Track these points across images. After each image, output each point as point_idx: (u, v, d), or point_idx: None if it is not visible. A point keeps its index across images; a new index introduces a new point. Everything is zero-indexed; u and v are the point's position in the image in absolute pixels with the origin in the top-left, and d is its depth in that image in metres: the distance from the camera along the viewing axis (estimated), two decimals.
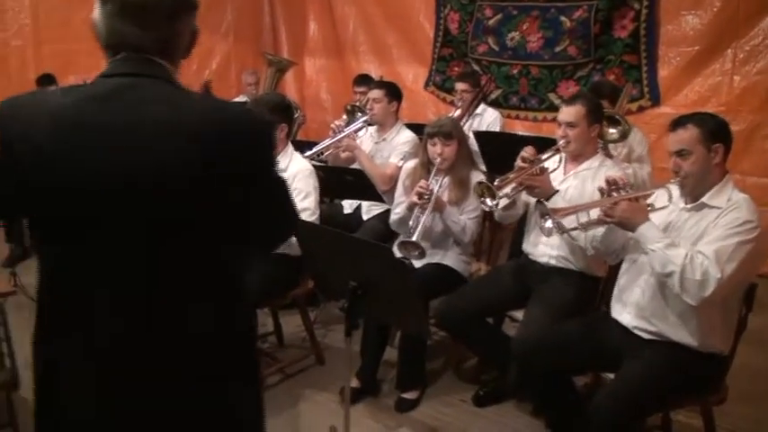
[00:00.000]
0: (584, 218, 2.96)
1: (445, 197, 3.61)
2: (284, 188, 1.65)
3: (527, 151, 3.25)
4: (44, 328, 1.56)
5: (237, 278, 1.60)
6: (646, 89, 5.82)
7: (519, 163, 3.23)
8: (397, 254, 3.46)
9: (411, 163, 3.91)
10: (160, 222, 1.41)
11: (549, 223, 2.97)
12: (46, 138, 1.38)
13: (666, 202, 2.79)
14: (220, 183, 1.42)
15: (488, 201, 3.21)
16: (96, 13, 1.46)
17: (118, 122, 1.38)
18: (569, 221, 2.98)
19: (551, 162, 3.35)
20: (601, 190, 2.85)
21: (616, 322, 2.90)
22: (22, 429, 3.08)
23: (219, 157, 1.40)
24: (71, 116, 1.39)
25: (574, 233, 3.05)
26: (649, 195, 2.89)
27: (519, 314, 3.45)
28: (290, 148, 3.78)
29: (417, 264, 3.61)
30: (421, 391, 3.63)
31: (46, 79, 5.58)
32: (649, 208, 2.78)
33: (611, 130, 4.00)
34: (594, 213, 2.90)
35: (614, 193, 2.80)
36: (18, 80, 6.06)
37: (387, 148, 4.67)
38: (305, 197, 3.61)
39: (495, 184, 3.15)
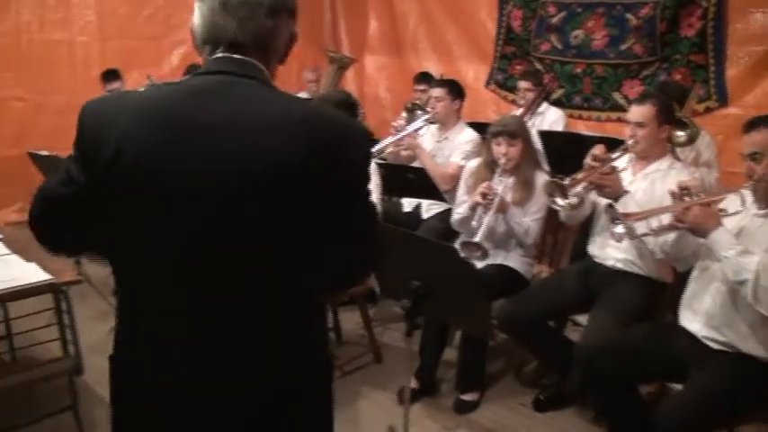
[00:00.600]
0: (654, 222, 2.89)
1: (509, 198, 3.56)
2: (372, 216, 1.55)
3: (598, 149, 3.20)
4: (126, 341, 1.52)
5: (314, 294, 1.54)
6: (713, 89, 5.66)
7: (589, 161, 3.17)
8: (459, 254, 3.42)
9: (474, 162, 3.87)
10: (252, 224, 1.35)
11: (620, 228, 2.92)
12: (144, 136, 1.35)
13: (739, 208, 2.71)
14: (316, 190, 1.35)
15: (559, 200, 3.17)
16: (195, 13, 1.45)
17: (221, 119, 1.34)
18: (640, 226, 2.92)
19: (620, 162, 3.29)
20: (672, 194, 2.78)
21: (684, 330, 2.83)
22: (83, 413, 3.16)
23: (318, 163, 1.33)
24: (170, 112, 1.36)
25: (644, 238, 2.98)
26: (722, 200, 2.81)
27: (582, 318, 3.40)
28: None
29: (479, 264, 3.57)
30: (480, 393, 3.60)
31: (110, 74, 5.68)
32: (722, 213, 2.69)
33: (679, 133, 3.91)
34: (665, 218, 2.83)
35: (686, 198, 2.73)
36: (83, 76, 6.18)
37: (448, 147, 4.64)
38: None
39: (567, 182, 3.11)
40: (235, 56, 1.42)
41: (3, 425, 3.00)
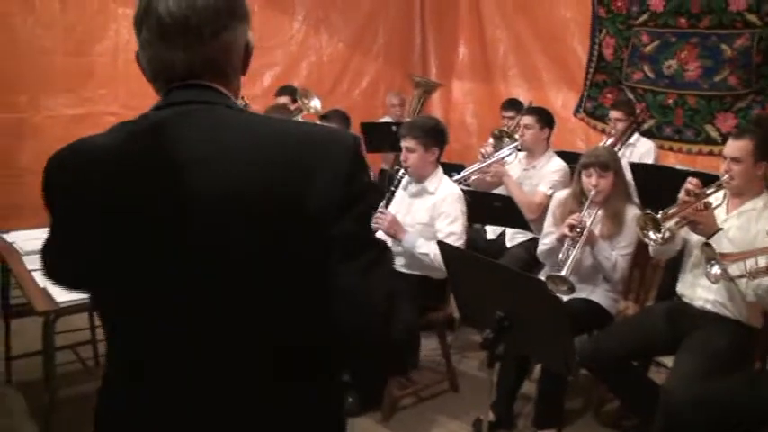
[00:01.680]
0: (750, 264, 2.78)
1: (597, 231, 3.49)
2: (373, 240, 1.32)
3: (692, 183, 3.10)
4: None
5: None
6: None
7: (683, 196, 3.09)
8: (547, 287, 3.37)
9: (562, 193, 3.81)
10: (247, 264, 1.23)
11: (716, 269, 2.82)
12: (99, 184, 1.25)
13: None
14: (305, 219, 1.20)
15: (651, 234, 3.09)
16: (138, 45, 1.32)
17: (190, 153, 1.22)
18: (734, 267, 2.81)
19: (714, 198, 3.18)
20: None
21: None
22: None
23: (304, 185, 1.20)
24: (119, 157, 1.25)
25: (738, 279, 2.88)
26: None
27: (667, 360, 3.28)
28: (441, 171, 3.79)
29: (564, 298, 3.50)
30: (558, 430, 3.51)
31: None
32: None
33: None
34: (762, 260, 2.72)
35: None
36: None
37: (536, 176, 4.59)
38: (452, 222, 3.61)
39: (660, 216, 3.03)
40: (192, 82, 1.29)
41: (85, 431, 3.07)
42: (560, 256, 3.42)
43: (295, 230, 1.21)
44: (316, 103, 4.96)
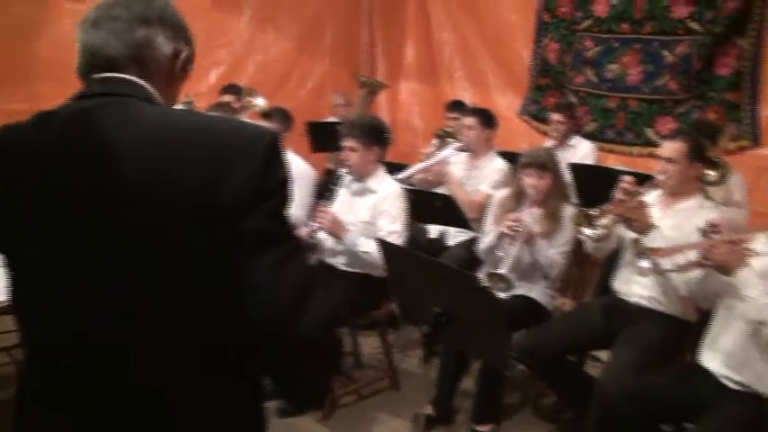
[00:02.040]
0: (680, 259, 2.86)
1: (536, 229, 3.55)
2: (289, 242, 1.30)
3: (627, 182, 3.18)
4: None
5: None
6: (747, 129, 5.61)
7: (618, 195, 3.16)
8: (484, 285, 3.41)
9: (502, 192, 3.87)
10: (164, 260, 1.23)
11: (645, 263, 2.90)
12: (23, 172, 1.26)
13: (767, 248, 2.68)
14: (219, 212, 1.21)
15: (586, 230, 3.16)
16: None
17: (92, 148, 1.23)
18: (665, 262, 2.89)
19: (650, 198, 3.26)
20: (700, 231, 2.76)
21: (704, 370, 2.80)
22: None
23: (219, 177, 1.21)
24: (41, 145, 1.27)
25: (669, 273, 2.96)
26: (750, 240, 2.77)
27: (603, 354, 3.35)
28: (382, 170, 3.82)
29: (502, 295, 3.55)
30: (496, 424, 3.55)
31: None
32: (749, 253, 2.66)
33: (710, 173, 3.87)
34: (692, 255, 2.80)
35: (714, 236, 2.70)
36: None
37: (478, 176, 4.65)
38: (393, 220, 3.64)
39: (595, 213, 3.09)
40: (112, 75, 1.31)
41: None
42: (499, 254, 3.47)
43: (210, 225, 1.21)
44: (260, 102, 4.95)
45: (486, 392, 3.52)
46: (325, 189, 3.90)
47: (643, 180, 3.34)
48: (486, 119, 4.69)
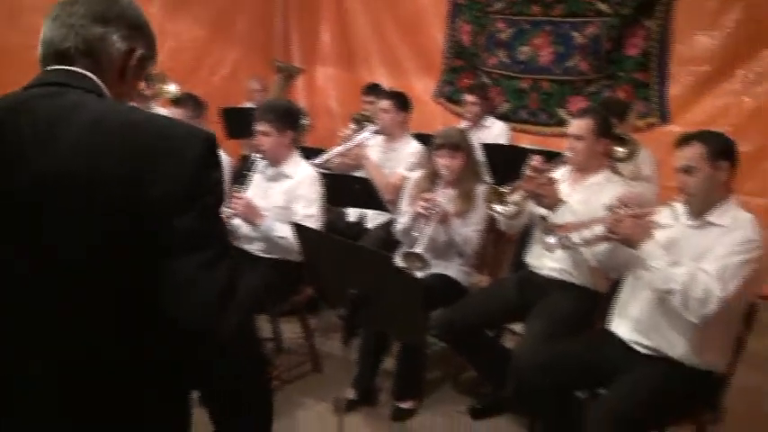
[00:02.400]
0: (587, 233, 2.95)
1: (450, 209, 3.59)
2: (216, 248, 1.29)
3: (536, 160, 3.25)
4: None
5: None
6: (655, 107, 5.81)
7: (528, 172, 3.23)
8: (401, 265, 3.44)
9: (417, 173, 3.90)
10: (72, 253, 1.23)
11: (552, 239, 2.97)
12: None
13: (671, 220, 2.80)
14: (147, 210, 1.21)
15: (498, 207, 3.22)
16: None
17: (27, 134, 1.24)
18: (573, 236, 2.97)
19: (558, 174, 3.35)
20: (606, 207, 2.84)
21: (614, 336, 2.90)
22: None
23: (148, 174, 1.21)
24: None
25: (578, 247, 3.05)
26: (654, 213, 2.87)
27: (518, 327, 3.43)
28: (297, 154, 3.80)
29: (419, 274, 3.59)
30: (418, 401, 3.61)
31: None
32: (654, 225, 2.76)
33: (619, 149, 3.98)
34: (598, 229, 2.89)
35: (619, 210, 2.79)
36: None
37: (394, 158, 4.68)
38: (309, 204, 3.63)
39: (505, 190, 3.16)
40: (63, 67, 1.34)
41: None
42: (415, 234, 3.51)
43: (133, 222, 1.21)
44: (172, 89, 4.86)
45: (406, 370, 3.57)
46: (239, 175, 3.86)
47: (552, 158, 3.43)
48: (401, 101, 4.72)
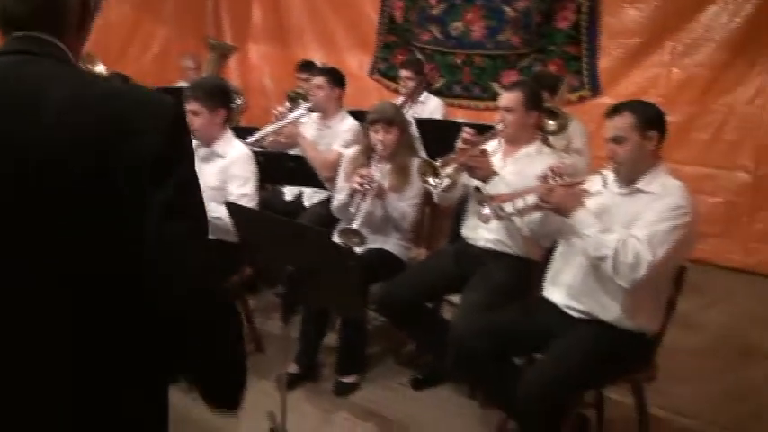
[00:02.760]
0: (520, 203, 2.99)
1: (386, 184, 3.61)
2: (196, 211, 1.32)
3: (467, 132, 3.28)
4: None
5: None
6: (586, 80, 5.91)
7: (460, 144, 3.26)
8: (338, 241, 3.45)
9: (353, 150, 3.90)
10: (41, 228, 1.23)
11: (486, 210, 3.01)
12: None
13: (601, 188, 2.85)
14: (114, 180, 1.21)
15: (431, 179, 3.24)
16: None
17: (12, 102, 1.24)
18: (506, 207, 3.02)
19: (490, 146, 3.38)
20: (538, 177, 2.89)
21: (548, 302, 2.97)
22: None
23: (114, 145, 1.21)
24: None
25: (511, 217, 3.09)
26: (584, 182, 2.93)
27: (456, 298, 3.48)
28: (230, 133, 3.74)
29: (357, 249, 3.60)
30: (360, 375, 3.64)
31: None
32: (584, 194, 2.82)
33: (550, 122, 4.06)
34: (531, 199, 2.94)
35: (551, 180, 2.84)
36: None
37: (329, 135, 4.65)
38: (243, 183, 3.59)
39: (438, 163, 3.18)
40: (26, 34, 1.31)
41: None
42: (351, 210, 3.51)
43: (111, 190, 1.21)
44: (99, 69, 4.73)
45: (347, 345, 3.60)
46: None
47: (484, 130, 3.46)
48: (334, 78, 4.69)
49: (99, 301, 1.26)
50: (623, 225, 2.70)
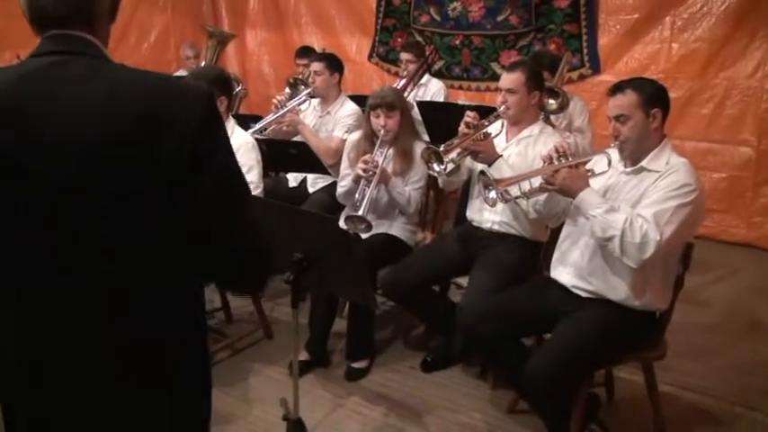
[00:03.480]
0: (526, 185, 2.99)
1: (390, 168, 3.61)
2: (240, 188, 1.42)
3: (470, 116, 3.28)
4: None
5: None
6: (586, 57, 5.89)
7: (462, 128, 3.26)
8: (344, 228, 3.45)
9: (355, 135, 3.90)
10: (98, 210, 1.30)
11: (492, 194, 3.01)
12: None
13: (606, 167, 2.84)
14: (162, 167, 1.28)
15: (435, 166, 3.24)
16: None
17: (51, 100, 1.28)
18: (512, 189, 3.02)
19: (493, 128, 3.37)
20: (543, 158, 2.89)
21: (556, 283, 2.96)
22: None
23: (159, 135, 1.27)
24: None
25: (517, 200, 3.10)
26: (589, 161, 2.93)
27: (463, 281, 3.49)
28: (232, 121, 3.75)
29: (364, 235, 3.61)
30: (370, 360, 3.66)
31: None
32: (589, 174, 2.82)
33: (551, 102, 4.06)
34: (536, 181, 2.94)
35: (555, 161, 2.83)
36: None
37: (331, 121, 4.65)
38: (248, 171, 3.59)
39: (442, 149, 3.18)
40: (62, 32, 1.34)
41: None
42: (357, 196, 3.52)
43: (150, 177, 1.28)
44: None
45: (357, 330, 3.62)
46: None
47: (487, 113, 3.45)
48: (333, 63, 4.66)
49: (141, 266, 1.35)
50: (629, 204, 2.69)
